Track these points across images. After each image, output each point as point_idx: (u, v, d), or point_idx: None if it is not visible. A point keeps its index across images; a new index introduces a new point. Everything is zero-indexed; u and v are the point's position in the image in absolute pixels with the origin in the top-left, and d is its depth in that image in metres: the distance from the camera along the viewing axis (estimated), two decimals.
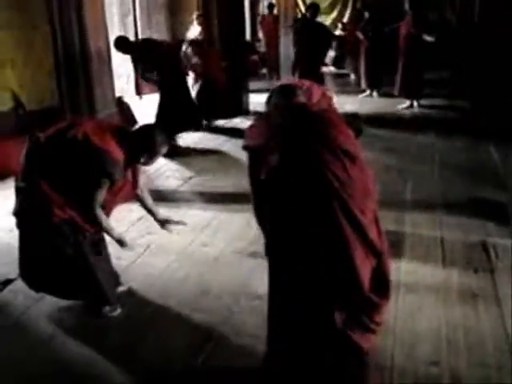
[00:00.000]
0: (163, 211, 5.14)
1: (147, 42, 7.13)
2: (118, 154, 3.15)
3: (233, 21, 9.12)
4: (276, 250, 2.66)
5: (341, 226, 2.48)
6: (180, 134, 7.40)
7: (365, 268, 2.56)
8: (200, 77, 8.17)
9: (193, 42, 8.30)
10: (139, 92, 10.39)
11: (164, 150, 3.41)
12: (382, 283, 2.67)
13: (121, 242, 3.47)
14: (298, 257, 2.56)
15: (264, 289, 3.77)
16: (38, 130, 3.40)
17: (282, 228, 2.60)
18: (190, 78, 8.09)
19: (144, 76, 6.91)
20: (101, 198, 3.19)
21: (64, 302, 3.60)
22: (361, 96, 10.68)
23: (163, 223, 3.79)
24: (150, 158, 3.37)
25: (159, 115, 7.09)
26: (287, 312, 2.65)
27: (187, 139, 7.67)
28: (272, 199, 2.60)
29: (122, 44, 6.49)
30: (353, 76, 12.69)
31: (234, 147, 7.16)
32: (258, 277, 3.97)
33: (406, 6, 9.43)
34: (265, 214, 2.72)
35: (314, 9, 9.16)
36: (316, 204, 2.49)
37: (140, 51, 6.70)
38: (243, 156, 2.82)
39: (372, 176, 2.70)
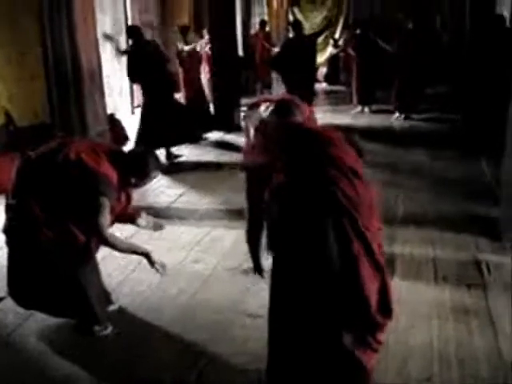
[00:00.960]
0: None
1: (138, 29, 7.37)
2: (112, 175, 3.14)
3: (225, 37, 9.17)
4: (281, 267, 2.60)
5: (351, 243, 2.45)
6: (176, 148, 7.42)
7: (372, 287, 2.53)
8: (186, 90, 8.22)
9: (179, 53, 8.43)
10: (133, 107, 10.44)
11: (157, 174, 3.42)
12: (385, 302, 2.65)
13: (149, 258, 3.45)
14: (305, 275, 2.51)
15: (257, 306, 3.77)
16: (29, 147, 3.39)
17: (288, 247, 2.55)
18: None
19: (131, 73, 7.09)
20: (106, 221, 3.16)
21: (54, 320, 3.56)
22: (353, 112, 10.73)
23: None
24: (142, 180, 3.36)
25: (143, 127, 7.15)
26: (290, 330, 2.61)
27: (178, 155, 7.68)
28: (278, 218, 2.56)
29: (135, 32, 7.10)
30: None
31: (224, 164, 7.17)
32: (251, 294, 3.96)
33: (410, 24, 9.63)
34: (265, 232, 2.69)
35: (297, 25, 9.30)
36: (326, 222, 2.45)
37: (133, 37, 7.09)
38: (235, 172, 2.83)
39: (375, 193, 2.70)
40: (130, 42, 7.42)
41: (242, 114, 4.41)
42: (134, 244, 3.48)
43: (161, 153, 7.15)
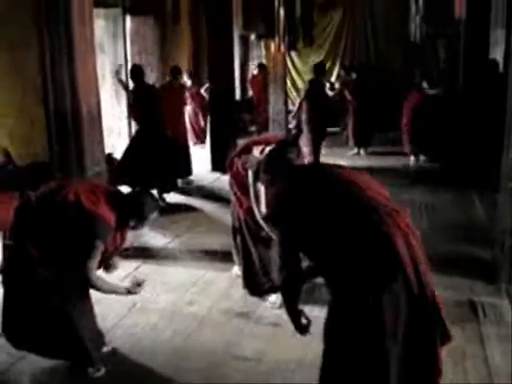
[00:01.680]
0: (150, 269, 5.18)
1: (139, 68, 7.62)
2: (110, 218, 3.17)
3: (223, 80, 9.31)
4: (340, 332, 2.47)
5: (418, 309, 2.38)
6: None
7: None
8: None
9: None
10: None
11: (154, 216, 3.44)
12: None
13: (132, 292, 3.47)
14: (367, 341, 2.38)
15: (251, 349, 3.75)
16: (28, 186, 3.41)
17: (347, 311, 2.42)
18: None
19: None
20: (95, 264, 3.17)
21: (47, 362, 3.53)
22: (349, 154, 10.81)
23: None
24: (140, 223, 3.38)
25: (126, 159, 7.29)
26: None
27: (173, 197, 7.71)
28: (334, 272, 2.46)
29: (138, 72, 7.35)
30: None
31: (221, 205, 7.14)
32: (245, 337, 3.94)
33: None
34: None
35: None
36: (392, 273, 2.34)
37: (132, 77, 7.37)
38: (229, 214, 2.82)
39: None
40: (131, 81, 7.54)
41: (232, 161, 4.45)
42: (116, 285, 3.49)
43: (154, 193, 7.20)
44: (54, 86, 5.27)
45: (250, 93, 14.42)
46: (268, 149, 4.25)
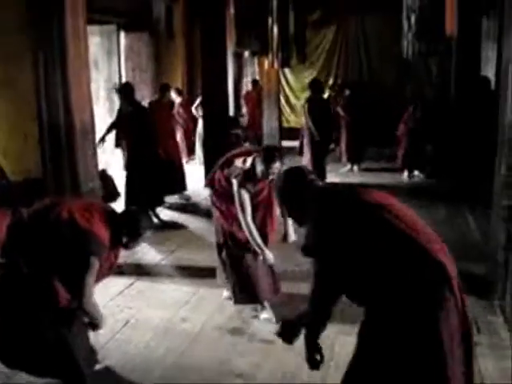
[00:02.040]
0: (144, 285, 5.16)
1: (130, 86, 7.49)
2: (104, 235, 3.15)
3: (217, 97, 9.33)
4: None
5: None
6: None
7: None
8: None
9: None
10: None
11: (148, 234, 3.43)
12: None
13: (95, 326, 3.40)
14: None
15: (244, 366, 3.73)
16: (21, 202, 3.39)
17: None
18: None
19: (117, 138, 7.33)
20: (92, 281, 3.15)
21: (40, 381, 3.49)
22: (342, 170, 10.84)
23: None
24: (134, 241, 3.37)
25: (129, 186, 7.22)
26: None
27: (167, 213, 7.70)
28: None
29: (129, 90, 7.21)
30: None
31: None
32: (239, 354, 3.93)
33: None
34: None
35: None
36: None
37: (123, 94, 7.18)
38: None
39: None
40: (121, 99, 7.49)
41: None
42: (100, 318, 3.39)
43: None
44: (47, 102, 5.28)
45: (244, 109, 14.48)
46: (250, 159, 4.32)
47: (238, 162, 4.38)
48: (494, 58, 8.78)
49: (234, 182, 4.29)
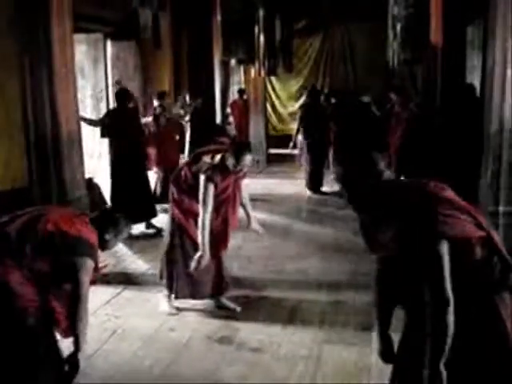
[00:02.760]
0: (132, 294, 5.12)
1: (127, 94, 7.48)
2: (93, 238, 3.10)
3: (204, 105, 9.36)
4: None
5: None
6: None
7: None
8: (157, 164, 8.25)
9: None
10: None
11: (127, 232, 3.39)
12: None
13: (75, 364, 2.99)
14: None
15: (232, 376, 3.71)
16: (7, 212, 3.32)
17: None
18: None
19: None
20: (88, 279, 3.03)
21: None
22: (330, 178, 10.85)
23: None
24: (115, 240, 3.31)
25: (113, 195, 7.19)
26: None
27: (154, 220, 7.66)
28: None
29: (124, 95, 7.21)
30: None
31: None
32: (227, 363, 3.91)
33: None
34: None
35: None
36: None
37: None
38: None
39: None
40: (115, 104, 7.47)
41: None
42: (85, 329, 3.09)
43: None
44: (34, 110, 5.26)
45: (231, 118, 14.50)
46: (219, 155, 4.37)
47: (207, 158, 4.45)
48: (479, 67, 8.85)
49: (202, 176, 4.37)
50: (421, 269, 2.27)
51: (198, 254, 4.40)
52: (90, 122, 7.47)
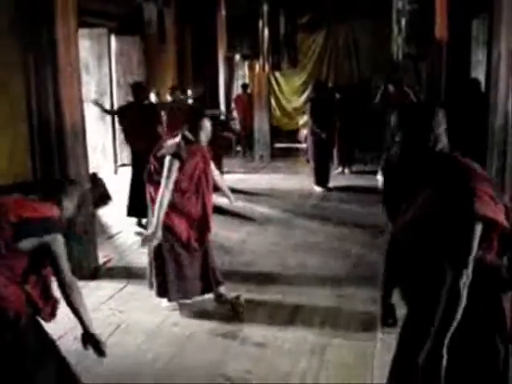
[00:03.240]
0: (135, 289, 5.13)
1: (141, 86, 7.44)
2: (55, 212, 3.01)
3: (208, 99, 9.36)
4: None
5: None
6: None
7: None
8: None
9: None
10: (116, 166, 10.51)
11: (79, 193, 3.31)
12: None
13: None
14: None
15: (236, 369, 3.72)
16: None
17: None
18: None
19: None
20: (67, 264, 2.97)
21: None
22: (333, 173, 10.86)
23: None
24: (72, 204, 3.21)
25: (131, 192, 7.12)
26: None
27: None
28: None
29: (140, 88, 7.19)
30: None
31: None
32: (230, 358, 3.91)
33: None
34: None
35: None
36: None
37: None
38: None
39: None
40: (132, 99, 7.43)
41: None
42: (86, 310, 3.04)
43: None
44: (38, 105, 5.26)
45: (235, 113, 14.50)
46: (179, 134, 4.48)
47: (168, 142, 4.54)
48: (484, 62, 8.81)
49: (168, 156, 4.38)
50: (446, 244, 2.24)
51: (150, 231, 4.39)
52: (105, 111, 7.53)
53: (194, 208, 4.54)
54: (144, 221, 6.97)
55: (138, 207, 6.78)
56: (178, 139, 4.46)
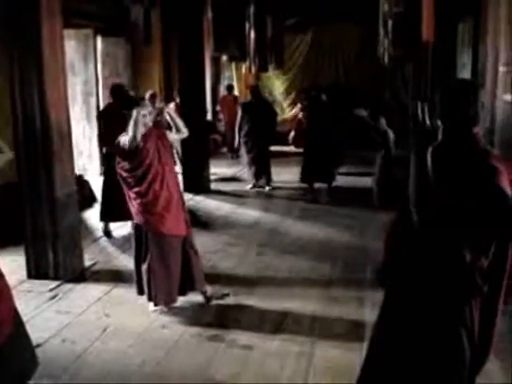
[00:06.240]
0: (122, 292, 5.09)
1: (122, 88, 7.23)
2: None
3: (194, 101, 9.33)
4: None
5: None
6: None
7: None
8: None
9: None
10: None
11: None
12: None
13: None
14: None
15: (223, 373, 3.70)
16: None
17: None
18: None
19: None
20: None
21: None
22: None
23: None
24: None
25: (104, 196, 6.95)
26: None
27: None
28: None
29: (118, 91, 6.93)
30: None
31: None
32: (217, 361, 3.89)
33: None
34: None
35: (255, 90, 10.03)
36: None
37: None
38: (206, 237, 2.73)
39: None
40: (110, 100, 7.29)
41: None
42: None
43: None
44: (23, 106, 5.20)
45: (221, 114, 14.48)
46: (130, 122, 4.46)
47: (123, 136, 4.56)
48: (470, 64, 8.86)
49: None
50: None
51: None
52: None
53: (165, 199, 4.51)
54: (112, 226, 7.00)
55: (110, 212, 6.69)
56: (129, 128, 4.46)
